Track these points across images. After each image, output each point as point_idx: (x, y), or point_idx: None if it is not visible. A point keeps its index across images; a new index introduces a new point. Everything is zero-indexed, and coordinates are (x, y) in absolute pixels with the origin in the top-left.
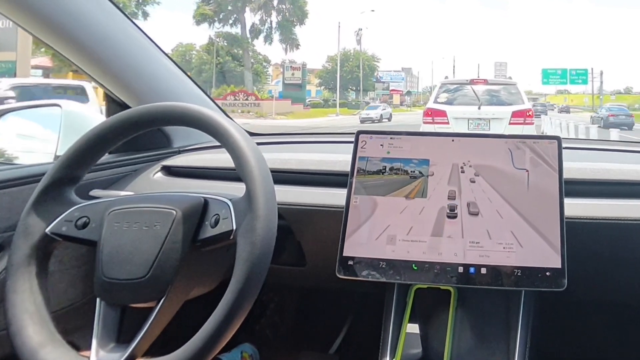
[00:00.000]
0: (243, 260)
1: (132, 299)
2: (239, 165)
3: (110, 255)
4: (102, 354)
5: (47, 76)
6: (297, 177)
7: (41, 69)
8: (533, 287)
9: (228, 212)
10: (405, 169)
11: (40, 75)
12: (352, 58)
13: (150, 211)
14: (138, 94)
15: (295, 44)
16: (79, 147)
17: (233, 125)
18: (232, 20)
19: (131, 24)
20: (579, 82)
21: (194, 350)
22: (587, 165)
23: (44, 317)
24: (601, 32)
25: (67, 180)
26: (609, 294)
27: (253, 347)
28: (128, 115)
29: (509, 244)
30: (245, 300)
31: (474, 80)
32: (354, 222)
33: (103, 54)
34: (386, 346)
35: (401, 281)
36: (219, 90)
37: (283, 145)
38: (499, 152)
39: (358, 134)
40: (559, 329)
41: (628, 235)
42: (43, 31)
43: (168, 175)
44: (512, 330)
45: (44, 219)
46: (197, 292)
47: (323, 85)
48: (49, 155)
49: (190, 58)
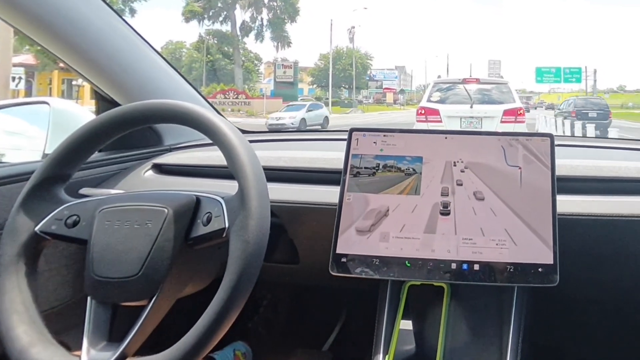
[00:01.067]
0: (235, 258)
1: (124, 297)
2: (231, 162)
3: (101, 253)
4: (93, 353)
5: (31, 75)
6: (290, 175)
7: (24, 67)
8: (525, 283)
9: (220, 210)
10: (398, 166)
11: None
12: (344, 56)
13: (142, 209)
14: (128, 91)
15: (287, 41)
16: (68, 145)
17: (225, 123)
18: (222, 18)
19: (121, 21)
20: (573, 81)
21: (186, 348)
22: (579, 162)
23: (33, 317)
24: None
25: (56, 178)
26: (601, 289)
27: (246, 345)
28: (118, 112)
29: (501, 240)
30: (237, 299)
31: (466, 79)
32: (347, 220)
33: (92, 50)
34: (379, 343)
35: (394, 278)
36: (209, 88)
37: (275, 142)
38: (491, 150)
39: (351, 132)
40: (551, 324)
41: (620, 231)
42: (29, 26)
43: (159, 174)
44: (504, 326)
45: (32, 217)
46: (190, 291)
47: (315, 84)
48: (38, 154)
49: (180, 56)
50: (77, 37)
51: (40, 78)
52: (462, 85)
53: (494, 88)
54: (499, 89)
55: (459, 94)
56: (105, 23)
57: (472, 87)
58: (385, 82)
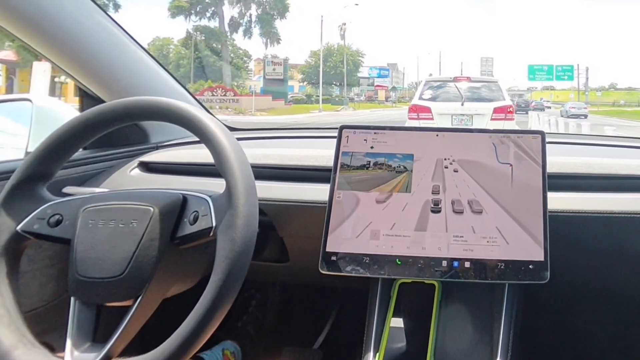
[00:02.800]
0: (223, 257)
1: (108, 297)
2: (219, 160)
3: (85, 253)
4: (76, 354)
5: (13, 72)
6: (279, 173)
7: (5, 63)
8: (516, 280)
9: (207, 209)
10: (389, 164)
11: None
12: (335, 53)
13: (127, 208)
14: (113, 88)
15: (276, 38)
16: (51, 142)
17: (212, 120)
18: (209, 14)
19: (105, 16)
20: (565, 78)
21: (172, 349)
22: (570, 159)
23: (14, 319)
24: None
25: (38, 176)
26: (591, 285)
27: (235, 345)
28: (103, 109)
29: (492, 237)
30: (225, 298)
31: (457, 77)
32: (337, 218)
33: (76, 46)
34: (370, 340)
35: (385, 276)
36: (196, 85)
37: (264, 140)
38: (483, 147)
39: (341, 129)
40: (543, 321)
41: (610, 228)
42: (9, 22)
43: (145, 172)
44: (495, 323)
45: (14, 216)
46: (176, 290)
47: (306, 81)
48: (20, 152)
49: (167, 52)
50: (60, 32)
51: (22, 75)
52: (453, 83)
53: (485, 86)
54: (489, 87)
55: (451, 92)
56: (89, 18)
57: (463, 85)
58: (377, 79)
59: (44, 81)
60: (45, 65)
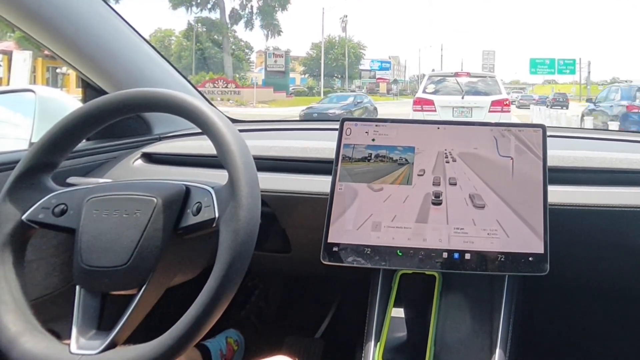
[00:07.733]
0: (225, 248)
1: (113, 286)
2: (221, 152)
3: (90, 242)
4: (82, 342)
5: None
6: (281, 164)
7: (6, 54)
8: (516, 272)
9: (210, 200)
10: (390, 156)
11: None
12: (337, 45)
13: (130, 199)
14: (116, 79)
15: (277, 30)
16: (55, 133)
17: (214, 112)
18: (210, 5)
19: (107, 7)
20: (567, 72)
21: (176, 337)
22: (570, 153)
23: (21, 307)
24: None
25: (43, 166)
26: (591, 278)
27: (238, 333)
28: (106, 100)
29: (493, 230)
30: (227, 288)
31: (458, 73)
32: (339, 209)
33: (78, 37)
34: (371, 330)
35: (386, 267)
36: (198, 77)
37: (266, 132)
38: (484, 140)
39: (343, 121)
40: (542, 312)
41: (610, 221)
42: (10, 12)
43: (148, 163)
44: (495, 314)
45: (19, 206)
46: (180, 280)
47: (307, 73)
48: (24, 142)
49: (169, 44)
50: (63, 24)
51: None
52: (454, 78)
53: (483, 81)
54: (487, 81)
55: (452, 86)
56: (91, 10)
57: (463, 80)
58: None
59: (25, 70)
60: (25, 54)
